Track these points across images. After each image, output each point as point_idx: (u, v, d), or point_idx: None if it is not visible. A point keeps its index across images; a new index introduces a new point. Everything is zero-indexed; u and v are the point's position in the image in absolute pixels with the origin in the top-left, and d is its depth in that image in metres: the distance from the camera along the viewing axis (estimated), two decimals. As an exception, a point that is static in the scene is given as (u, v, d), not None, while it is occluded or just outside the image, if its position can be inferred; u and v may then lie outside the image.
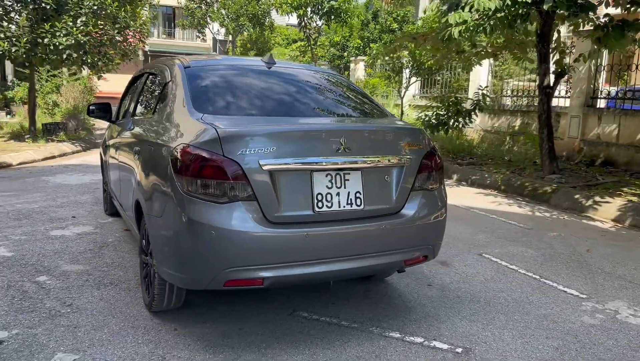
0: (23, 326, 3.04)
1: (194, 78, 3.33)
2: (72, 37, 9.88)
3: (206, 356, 2.81)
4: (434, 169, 3.24)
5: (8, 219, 5.37)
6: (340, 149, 2.83)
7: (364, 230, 2.92)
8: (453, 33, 6.86)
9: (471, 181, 9.16)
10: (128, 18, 11.06)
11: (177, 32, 36.00)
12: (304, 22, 17.75)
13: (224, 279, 2.68)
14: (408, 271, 4.25)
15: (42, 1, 9.84)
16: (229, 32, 25.95)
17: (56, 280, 3.77)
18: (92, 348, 2.83)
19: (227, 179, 2.63)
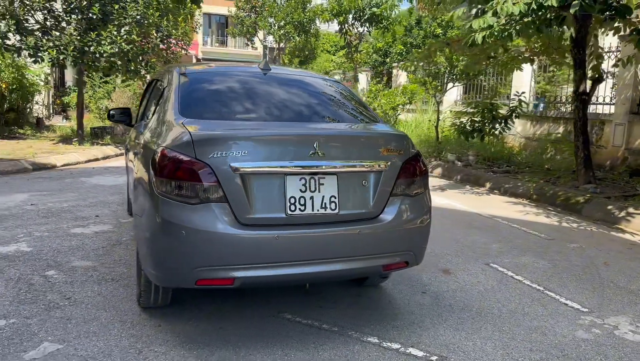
0: (21, 316, 3.25)
1: (186, 84, 3.47)
2: (116, 46, 10.38)
3: (181, 353, 2.91)
4: (416, 175, 3.22)
5: (37, 216, 5.71)
6: (314, 154, 2.87)
7: (338, 234, 2.95)
8: (477, 39, 6.73)
9: (504, 190, 8.91)
10: (170, 27, 11.51)
11: (229, 40, 36.92)
12: (345, 29, 17.86)
13: (195, 278, 2.77)
14: (404, 277, 4.23)
15: (89, 11, 10.39)
16: (276, 40, 26.40)
17: (63, 275, 3.99)
18: (78, 340, 2.99)
19: (198, 181, 2.73)
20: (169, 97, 3.41)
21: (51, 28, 10.41)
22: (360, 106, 3.77)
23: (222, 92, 3.47)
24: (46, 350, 2.86)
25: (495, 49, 8.72)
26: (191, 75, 3.62)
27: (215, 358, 2.87)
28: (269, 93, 3.52)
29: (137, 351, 2.90)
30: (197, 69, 3.82)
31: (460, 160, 11.37)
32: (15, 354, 2.80)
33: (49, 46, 10.02)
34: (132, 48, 10.53)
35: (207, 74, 3.78)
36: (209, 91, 3.47)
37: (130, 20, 10.55)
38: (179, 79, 3.52)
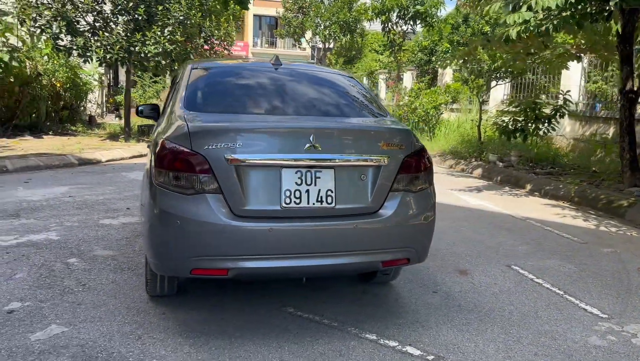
0: (36, 300, 3.41)
1: (195, 78, 3.54)
2: (160, 46, 10.71)
3: (178, 340, 2.97)
4: (419, 170, 3.15)
5: (71, 208, 5.98)
6: (310, 147, 2.86)
7: (334, 228, 2.93)
8: (511, 34, 6.52)
9: (544, 192, 8.58)
10: (213, 27, 11.77)
11: (278, 42, 37.37)
12: (388, 28, 17.68)
13: (190, 267, 2.83)
14: (417, 276, 4.16)
15: (135, 12, 10.77)
16: (321, 40, 26.49)
17: (83, 263, 4.16)
18: (83, 324, 3.11)
19: (193, 172, 2.78)
20: (179, 91, 3.49)
21: (99, 29, 10.87)
22: (368, 100, 3.73)
23: (228, 86, 3.52)
24: (52, 331, 2.99)
25: (535, 46, 8.40)
26: (202, 70, 3.69)
27: (209, 346, 2.91)
28: (275, 88, 3.54)
29: (137, 337, 2.98)
30: (209, 64, 3.90)
31: (502, 161, 11.04)
32: (23, 334, 2.94)
33: (96, 46, 10.46)
34: (175, 48, 10.84)
35: (218, 69, 3.84)
36: (215, 85, 3.53)
37: (173, 21, 10.86)
38: (189, 74, 3.60)
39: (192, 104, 3.23)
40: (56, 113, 14.22)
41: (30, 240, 4.66)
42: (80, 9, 10.70)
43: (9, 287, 3.59)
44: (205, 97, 3.36)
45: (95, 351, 2.80)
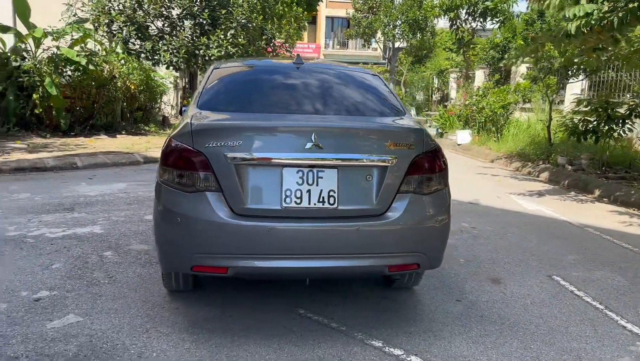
0: (63, 289, 3.60)
1: (214, 78, 3.58)
2: (223, 49, 11.03)
3: (182, 335, 3.02)
4: (430, 172, 3.00)
5: (123, 203, 6.28)
6: (312, 146, 2.80)
7: (335, 230, 2.86)
8: (570, 29, 6.08)
9: (614, 198, 7.94)
10: (274, 30, 11.96)
11: (350, 42, 37.38)
12: (457, 25, 17.10)
13: (191, 264, 2.86)
14: (444, 283, 3.98)
15: (200, 17, 11.17)
16: (390, 39, 26.17)
17: (117, 256, 4.34)
18: (98, 315, 3.23)
19: (194, 170, 2.81)
20: (197, 91, 3.55)
21: (167, 33, 11.37)
22: (386, 99, 3.59)
23: (242, 86, 3.54)
24: (67, 321, 3.13)
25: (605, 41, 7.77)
26: (222, 70, 3.73)
27: (210, 343, 2.93)
28: (288, 87, 3.51)
29: (144, 331, 3.06)
30: (231, 64, 3.94)
31: (572, 164, 10.34)
32: (41, 322, 3.10)
33: (164, 50, 10.95)
34: (237, 51, 11.12)
35: (237, 69, 3.87)
36: (230, 85, 3.56)
37: (236, 24, 11.15)
38: (210, 74, 3.66)
39: (205, 104, 3.28)
40: (131, 114, 15.01)
41: (75, 233, 4.94)
42: (150, 14, 11.24)
43: (43, 276, 3.81)
44: (219, 96, 3.39)
45: (101, 342, 2.90)
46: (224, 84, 3.55)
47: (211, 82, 3.53)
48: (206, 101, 3.31)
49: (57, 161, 9.09)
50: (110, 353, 2.79)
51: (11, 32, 11.63)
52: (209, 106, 3.25)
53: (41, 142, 11.09)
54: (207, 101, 3.31)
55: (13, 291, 3.54)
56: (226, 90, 3.49)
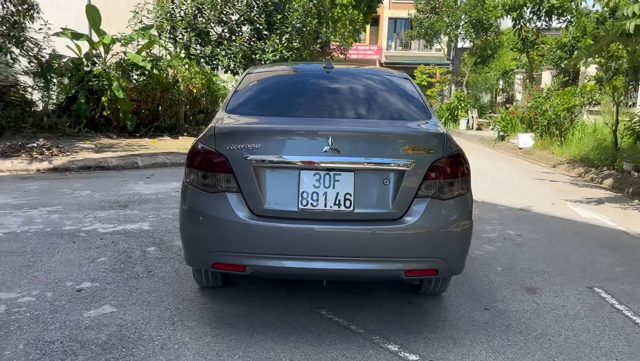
0: (104, 282, 3.84)
1: (245, 82, 3.71)
2: (278, 53, 11.26)
3: (205, 330, 3.15)
4: (450, 177, 2.97)
5: (174, 201, 6.57)
6: (328, 150, 2.85)
7: (350, 233, 2.89)
8: (628, 27, 5.76)
9: (682, 207, 7.44)
10: (329, 33, 12.06)
11: (413, 44, 36.92)
12: (520, 25, 16.47)
13: (212, 261, 2.98)
14: (475, 290, 3.90)
15: (257, 23, 11.46)
16: (452, 40, 25.64)
17: (159, 252, 4.56)
18: (131, 306, 3.43)
19: (216, 171, 2.93)
20: (228, 96, 3.68)
21: (225, 39, 11.76)
22: (413, 102, 3.57)
23: (269, 90, 3.64)
24: (103, 311, 3.35)
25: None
26: (254, 74, 3.85)
27: (230, 338, 3.05)
28: (314, 91, 3.56)
29: (171, 323, 3.22)
30: (263, 68, 4.05)
31: (638, 170, 9.75)
32: (80, 311, 3.34)
33: (222, 55, 11.34)
34: (292, 55, 11.32)
35: (268, 73, 3.97)
36: (258, 89, 3.66)
37: (291, 28, 11.34)
38: (242, 79, 3.79)
39: (233, 108, 3.40)
40: (193, 116, 15.60)
41: (124, 229, 5.23)
42: (210, 20, 11.66)
43: (88, 269, 4.08)
44: (246, 101, 3.51)
45: (129, 332, 3.08)
46: (252, 88, 3.67)
47: (241, 87, 3.65)
48: (234, 105, 3.43)
49: (120, 161, 9.63)
50: (136, 343, 2.96)
51: (83, 38, 12.41)
52: (236, 110, 3.37)
53: (108, 143, 11.77)
54: (234, 105, 3.44)
55: (60, 281, 3.81)
56: (253, 94, 3.60)
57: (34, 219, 5.48)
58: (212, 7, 11.44)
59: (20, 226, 5.20)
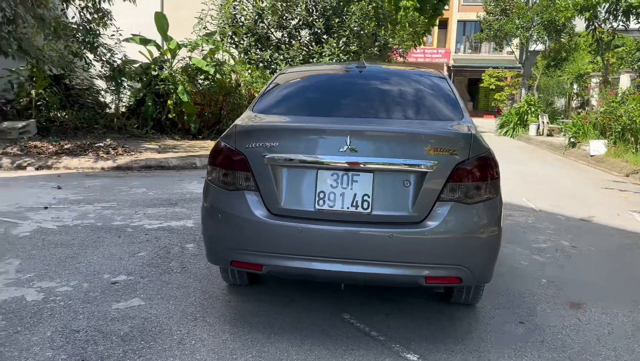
0: (139, 275, 3.95)
1: (275, 82, 3.71)
2: (334, 56, 11.27)
3: (224, 327, 3.17)
4: (477, 180, 2.81)
5: (220, 201, 6.69)
6: (345, 149, 2.79)
7: (367, 235, 2.80)
8: None
9: None
10: (387, 36, 11.91)
11: (483, 46, 35.88)
12: (594, 25, 15.46)
13: (230, 259, 2.99)
14: (513, 303, 3.69)
15: (315, 27, 11.53)
16: (522, 42, 24.58)
17: (197, 248, 4.65)
18: (159, 300, 3.51)
19: (235, 169, 2.94)
20: (258, 95, 3.70)
21: (284, 43, 11.92)
22: (444, 102, 3.42)
23: (296, 90, 3.61)
24: (131, 304, 3.44)
25: None
26: (285, 74, 3.85)
27: (247, 337, 3.04)
28: (341, 91, 3.50)
29: (193, 319, 3.26)
30: (295, 69, 4.03)
31: None
32: (110, 303, 3.45)
33: (280, 59, 11.50)
34: (348, 58, 11.28)
35: (299, 73, 3.95)
36: (286, 89, 3.64)
37: (348, 32, 11.32)
38: (273, 79, 3.79)
39: (259, 107, 3.41)
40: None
41: (169, 225, 5.39)
42: (270, 25, 11.87)
43: (127, 262, 4.22)
44: (272, 100, 3.50)
45: (151, 325, 3.14)
46: (280, 88, 3.66)
47: (270, 87, 3.66)
48: (260, 104, 3.44)
49: (180, 161, 9.97)
50: (155, 336, 3.02)
51: (151, 44, 12.99)
52: (262, 109, 3.38)
53: (171, 144, 12.22)
54: (261, 104, 3.44)
55: (98, 273, 3.97)
56: (280, 94, 3.59)
57: (88, 213, 5.76)
58: (272, 12, 11.62)
59: (74, 220, 5.48)
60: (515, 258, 4.73)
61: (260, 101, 3.49)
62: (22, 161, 9.07)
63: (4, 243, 4.58)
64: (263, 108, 3.39)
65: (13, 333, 2.98)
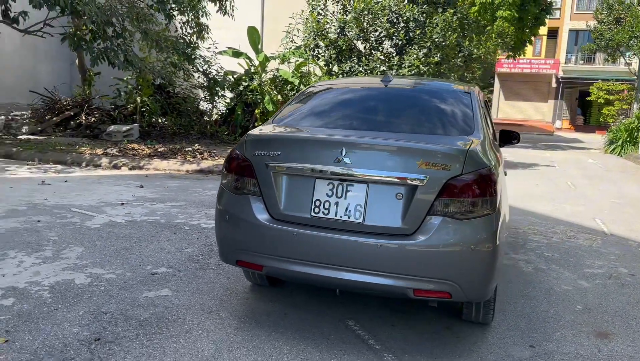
0: (177, 269, 4.32)
1: (301, 94, 3.91)
2: (414, 67, 11.24)
3: (232, 322, 3.40)
4: (469, 195, 2.79)
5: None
6: (340, 160, 2.91)
7: (357, 244, 2.88)
8: None
9: None
10: (472, 47, 11.63)
11: (596, 57, 33.45)
12: None
13: (235, 258, 3.23)
14: (530, 325, 3.60)
15: (397, 38, 11.60)
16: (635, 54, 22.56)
17: (238, 249, 4.95)
18: (184, 293, 3.83)
19: (243, 175, 3.17)
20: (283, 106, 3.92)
21: (364, 55, 12.10)
22: (458, 117, 3.40)
23: (316, 103, 3.77)
24: (159, 293, 3.80)
25: None
26: (313, 87, 4.03)
27: (248, 333, 3.25)
28: (357, 104, 3.62)
29: (208, 312, 3.53)
30: (325, 82, 4.19)
31: None
32: (142, 291, 3.83)
33: (359, 70, 11.69)
34: (429, 69, 11.20)
35: (326, 86, 4.09)
36: (307, 102, 3.82)
37: (430, 43, 11.25)
38: (302, 92, 3.99)
39: (279, 118, 3.63)
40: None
41: (222, 226, 5.76)
42: (352, 38, 12.13)
43: (172, 256, 4.62)
44: (292, 112, 3.70)
45: (170, 314, 3.46)
46: (303, 100, 3.85)
47: (296, 99, 3.86)
48: (281, 116, 3.66)
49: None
50: (169, 324, 3.32)
51: (242, 56, 13.78)
52: (281, 120, 3.60)
53: (255, 151, 12.85)
54: (281, 116, 3.66)
55: (143, 264, 4.40)
56: (300, 106, 3.77)
57: (157, 211, 6.33)
58: (356, 25, 11.86)
59: (142, 216, 6.05)
60: (557, 282, 4.50)
61: (281, 113, 3.71)
62: (118, 161, 10.08)
63: (76, 233, 5.20)
64: (281, 119, 3.61)
65: (54, 309, 3.44)
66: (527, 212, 7.48)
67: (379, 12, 11.52)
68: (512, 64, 32.66)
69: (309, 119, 3.55)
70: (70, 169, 9.51)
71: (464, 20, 11.55)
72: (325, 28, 11.80)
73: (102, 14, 10.58)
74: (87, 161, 10.06)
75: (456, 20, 11.14)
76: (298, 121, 3.55)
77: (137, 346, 3.02)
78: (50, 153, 10.42)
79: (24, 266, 4.19)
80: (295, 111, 3.72)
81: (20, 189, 7.19)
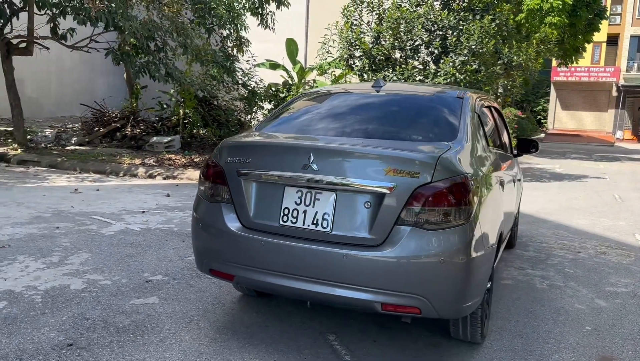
0: (172, 277, 4.31)
1: (288, 102, 3.84)
2: (449, 76, 10.94)
3: (209, 333, 3.35)
4: (440, 205, 2.62)
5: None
6: (307, 166, 2.81)
7: (324, 255, 2.77)
8: None
9: None
10: (512, 54, 11.18)
11: (662, 63, 31.57)
12: None
13: (208, 266, 3.17)
14: (527, 346, 3.36)
15: (432, 46, 11.36)
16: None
17: (240, 259, 4.91)
18: (173, 301, 3.81)
19: (216, 182, 3.13)
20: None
21: (399, 64, 11.89)
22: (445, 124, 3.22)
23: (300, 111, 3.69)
24: (147, 301, 3.80)
25: None
26: (302, 95, 3.95)
27: (222, 344, 3.18)
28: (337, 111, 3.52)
29: (188, 321, 3.49)
30: (316, 90, 4.10)
31: None
32: (131, 298, 3.84)
33: (393, 79, 11.49)
34: (465, 78, 10.86)
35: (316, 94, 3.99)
36: (292, 110, 3.73)
37: (467, 51, 10.92)
38: (291, 100, 3.93)
39: (260, 126, 3.57)
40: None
41: (232, 236, 5.75)
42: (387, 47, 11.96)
43: (172, 265, 4.64)
44: (273, 119, 3.63)
45: (149, 322, 3.44)
46: (289, 108, 3.77)
47: (281, 107, 3.79)
48: (263, 124, 3.60)
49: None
50: (145, 332, 3.30)
51: (280, 68, 13.90)
52: (262, 128, 3.54)
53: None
54: (263, 124, 3.60)
55: (142, 271, 4.43)
56: (283, 114, 3.69)
57: (173, 219, 6.40)
58: (392, 34, 11.70)
59: (158, 224, 6.14)
60: (571, 300, 4.17)
61: (264, 121, 3.65)
62: (153, 171, 10.35)
63: (89, 240, 5.33)
64: (263, 127, 3.55)
65: (40, 314, 3.50)
66: (559, 225, 7.05)
67: (414, 20, 11.32)
68: (569, 72, 31.34)
69: (288, 126, 3.47)
70: (107, 178, 9.84)
71: (503, 27, 11.15)
72: (360, 37, 11.69)
73: (143, 29, 10.95)
74: (124, 171, 10.38)
75: (494, 27, 10.77)
76: (277, 127, 3.48)
77: (106, 353, 3.02)
78: (91, 163, 10.83)
79: (28, 270, 4.31)
80: (279, 118, 3.66)
81: (52, 197, 7.49)
